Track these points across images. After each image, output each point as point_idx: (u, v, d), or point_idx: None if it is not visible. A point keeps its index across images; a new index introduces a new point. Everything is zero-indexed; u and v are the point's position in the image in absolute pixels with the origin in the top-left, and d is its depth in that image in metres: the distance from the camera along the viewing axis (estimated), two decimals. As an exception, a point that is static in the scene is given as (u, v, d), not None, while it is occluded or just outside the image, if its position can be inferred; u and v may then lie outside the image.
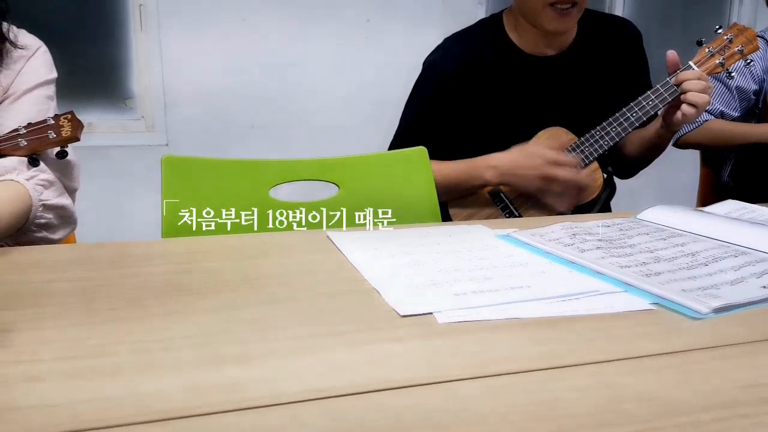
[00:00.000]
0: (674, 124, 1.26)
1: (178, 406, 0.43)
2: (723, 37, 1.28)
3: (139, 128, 2.73)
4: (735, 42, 1.27)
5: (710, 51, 1.27)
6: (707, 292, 0.63)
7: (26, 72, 1.08)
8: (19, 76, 1.07)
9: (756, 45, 1.28)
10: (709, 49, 1.27)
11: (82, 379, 0.47)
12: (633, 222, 0.93)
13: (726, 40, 1.27)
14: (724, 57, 1.26)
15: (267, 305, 0.63)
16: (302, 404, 0.44)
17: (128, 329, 0.56)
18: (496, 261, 0.75)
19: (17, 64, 1.07)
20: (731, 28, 1.29)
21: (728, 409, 0.44)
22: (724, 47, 1.27)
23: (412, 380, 0.47)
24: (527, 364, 0.50)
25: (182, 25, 2.64)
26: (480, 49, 1.36)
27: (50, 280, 0.70)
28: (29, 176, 0.98)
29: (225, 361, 0.50)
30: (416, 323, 0.58)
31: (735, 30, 1.29)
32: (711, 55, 1.27)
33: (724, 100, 1.70)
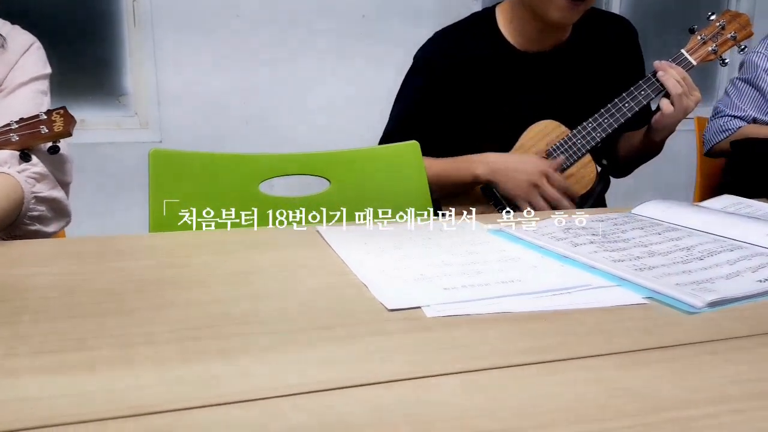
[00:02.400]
0: (657, 122, 1.25)
1: (154, 401, 0.42)
2: (715, 23, 1.25)
3: (133, 125, 2.72)
4: (728, 28, 1.25)
5: (702, 38, 1.24)
6: (702, 286, 0.62)
7: (20, 67, 1.07)
8: (12, 70, 1.06)
9: (750, 31, 1.25)
10: (701, 36, 1.25)
11: (59, 374, 0.46)
12: (627, 217, 0.92)
13: (718, 27, 1.24)
14: (716, 44, 1.24)
15: (252, 300, 0.62)
16: (283, 399, 0.42)
17: (110, 323, 0.55)
18: (488, 255, 0.74)
19: (11, 60, 1.06)
20: (723, 14, 1.26)
21: (720, 404, 0.43)
22: (717, 34, 1.24)
23: (396, 375, 0.46)
24: (516, 358, 0.49)
25: (176, 22, 2.63)
26: (470, 44, 1.35)
27: (32, 274, 0.69)
28: (21, 169, 0.98)
29: (206, 356, 0.49)
30: (404, 317, 0.57)
31: (727, 16, 1.26)
32: (703, 42, 1.24)
33: (757, 105, 1.62)
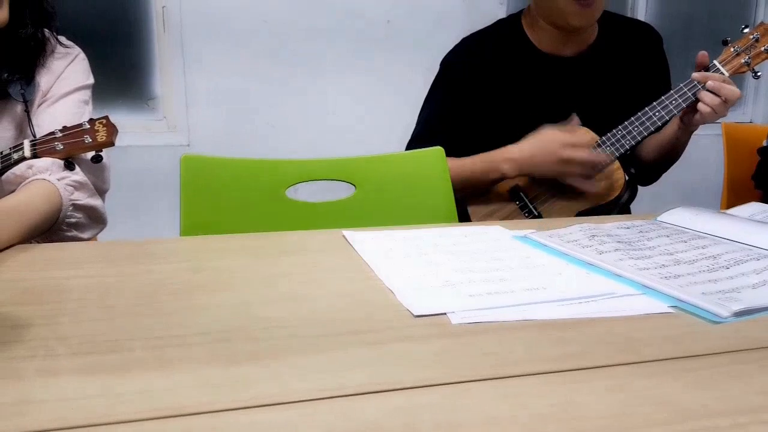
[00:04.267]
0: (692, 124, 1.25)
1: (188, 403, 0.43)
2: (749, 36, 1.26)
3: (161, 128, 2.76)
4: (761, 41, 1.25)
5: (736, 50, 1.25)
6: (728, 296, 0.62)
7: (65, 77, 1.09)
8: (58, 80, 1.08)
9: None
10: (735, 48, 1.25)
11: (96, 375, 0.47)
12: (653, 224, 0.92)
13: (752, 40, 1.25)
14: (749, 56, 1.25)
15: (281, 303, 0.63)
16: (313, 403, 0.43)
17: (142, 325, 0.57)
18: (512, 262, 0.74)
19: (57, 68, 1.08)
20: (758, 27, 1.28)
21: (747, 414, 0.43)
22: (750, 46, 1.25)
23: (423, 381, 0.46)
24: (541, 366, 0.49)
25: (204, 26, 2.67)
26: (497, 49, 1.36)
27: (68, 277, 0.71)
28: (61, 177, 1.00)
29: (237, 358, 0.50)
30: (430, 323, 0.57)
31: (762, 29, 1.27)
32: (736, 54, 1.25)
33: None
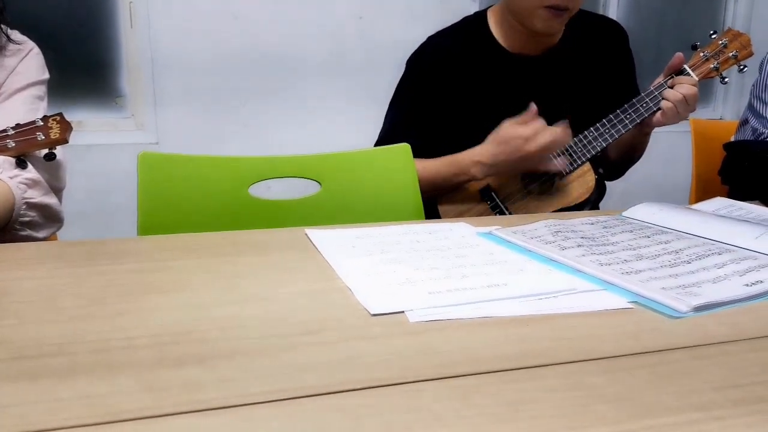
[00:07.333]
0: (652, 125, 1.26)
1: (130, 407, 0.41)
2: (718, 42, 1.29)
3: (129, 127, 2.72)
4: (729, 47, 1.28)
5: (705, 55, 1.28)
6: (688, 290, 0.62)
7: (18, 72, 1.07)
8: (11, 75, 1.06)
9: (750, 51, 1.29)
10: (704, 53, 1.28)
11: (35, 380, 0.45)
12: (618, 220, 0.91)
13: (720, 45, 1.28)
14: (718, 62, 1.28)
15: (236, 304, 0.61)
16: (261, 405, 0.42)
17: (90, 328, 0.55)
18: (475, 259, 0.74)
19: (10, 64, 1.06)
20: (726, 33, 1.30)
21: (703, 411, 0.42)
22: (719, 52, 1.28)
23: (376, 380, 0.45)
24: (497, 364, 0.48)
25: (172, 23, 2.63)
26: (462, 47, 1.35)
27: (19, 278, 0.68)
28: (13, 174, 0.97)
29: (186, 361, 0.48)
30: (387, 322, 0.56)
31: (730, 35, 1.30)
32: (706, 59, 1.27)
33: None
